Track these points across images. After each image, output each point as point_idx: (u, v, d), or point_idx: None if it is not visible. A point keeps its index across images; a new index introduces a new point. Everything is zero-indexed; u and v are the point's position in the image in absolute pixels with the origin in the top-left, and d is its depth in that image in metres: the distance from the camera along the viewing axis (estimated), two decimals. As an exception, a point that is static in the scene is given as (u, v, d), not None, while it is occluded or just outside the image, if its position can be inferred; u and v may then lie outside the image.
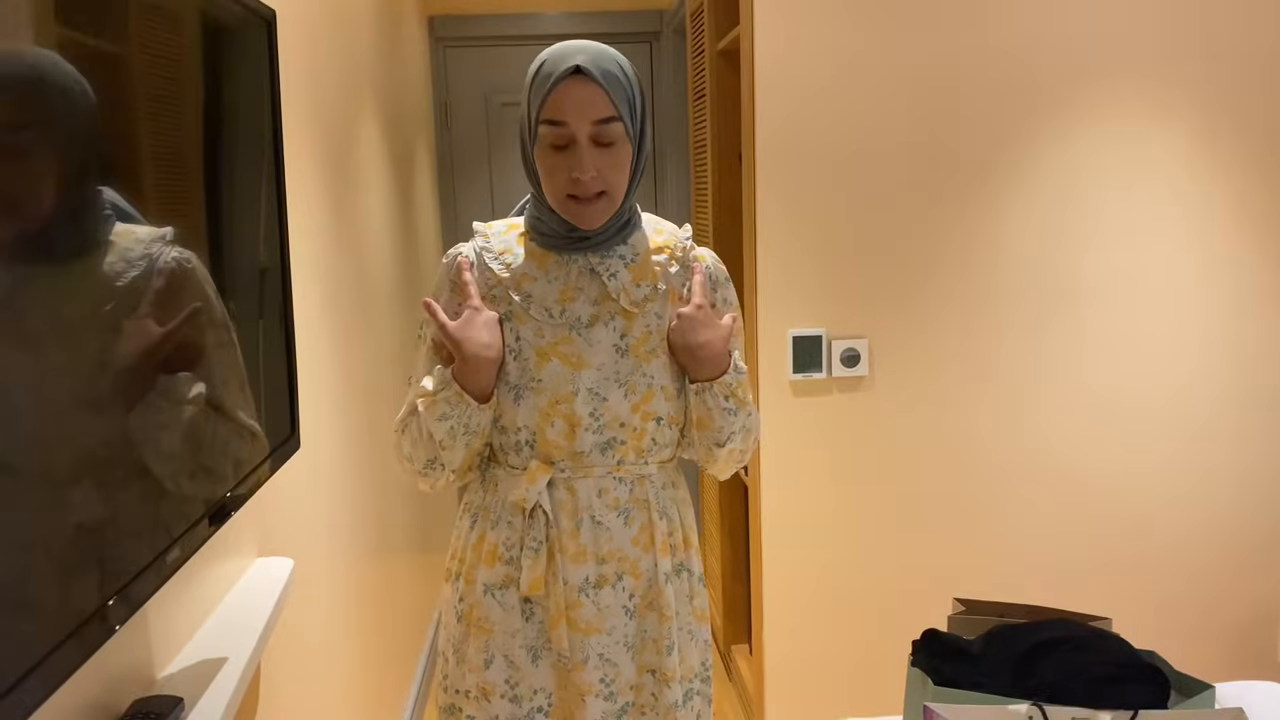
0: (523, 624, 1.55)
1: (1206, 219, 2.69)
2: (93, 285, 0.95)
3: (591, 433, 1.52)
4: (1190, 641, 2.76)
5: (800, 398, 2.66)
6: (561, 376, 1.51)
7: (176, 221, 1.12)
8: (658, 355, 1.55)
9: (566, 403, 1.51)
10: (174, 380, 1.11)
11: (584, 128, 1.44)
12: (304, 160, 1.97)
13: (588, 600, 1.54)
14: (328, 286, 2.14)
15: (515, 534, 1.55)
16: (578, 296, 1.54)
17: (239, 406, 1.32)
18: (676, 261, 1.59)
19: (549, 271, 1.55)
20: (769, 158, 2.57)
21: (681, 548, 1.61)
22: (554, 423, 1.52)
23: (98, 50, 0.96)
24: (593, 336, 1.53)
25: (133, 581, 0.97)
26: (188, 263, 1.13)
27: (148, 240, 1.03)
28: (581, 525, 1.53)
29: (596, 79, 1.43)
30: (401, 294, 3.21)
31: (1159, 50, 2.62)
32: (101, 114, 0.94)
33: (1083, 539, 2.75)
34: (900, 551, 2.71)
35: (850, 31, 2.55)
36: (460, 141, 4.52)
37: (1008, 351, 2.68)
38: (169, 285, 1.07)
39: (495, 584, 1.56)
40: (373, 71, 2.88)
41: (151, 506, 1.06)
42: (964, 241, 2.64)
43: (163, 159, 1.13)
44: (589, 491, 1.54)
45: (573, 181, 1.46)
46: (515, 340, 1.54)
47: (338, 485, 2.17)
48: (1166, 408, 2.73)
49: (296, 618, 1.80)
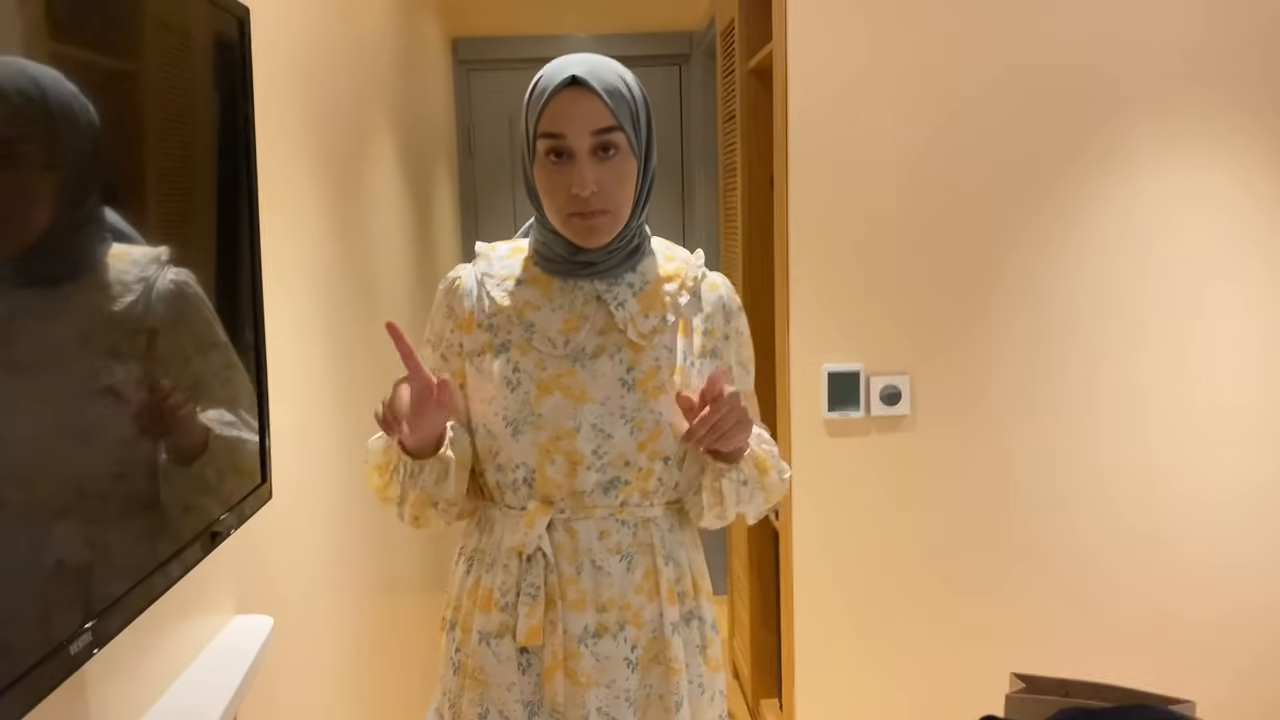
0: (519, 676, 1.45)
1: (1270, 257, 2.49)
2: (87, 310, 0.91)
3: (594, 471, 1.42)
4: (1254, 707, 2.54)
5: (836, 438, 2.48)
6: (563, 411, 1.42)
7: (165, 239, 1.07)
8: (666, 391, 1.44)
9: (568, 439, 1.41)
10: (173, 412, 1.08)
11: (583, 139, 1.35)
12: (304, 181, 1.84)
13: (586, 651, 1.43)
14: (326, 313, 2.00)
15: (512, 579, 1.45)
16: (582, 326, 1.44)
17: (247, 425, 1.27)
18: (688, 291, 1.49)
19: (553, 299, 1.46)
20: (802, 181, 2.41)
21: (691, 594, 1.50)
22: (554, 460, 1.42)
23: (88, 63, 0.91)
24: (597, 369, 1.43)
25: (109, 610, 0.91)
26: (187, 285, 1.09)
27: (144, 262, 0.98)
28: (582, 570, 1.44)
29: (594, 89, 1.35)
30: (417, 322, 3.07)
31: (1221, 75, 2.44)
32: (101, 130, 0.91)
33: (1143, 598, 2.54)
34: (943, 604, 2.51)
35: (891, 49, 2.39)
36: (484, 166, 4.40)
37: (1060, 392, 2.48)
38: (167, 310, 1.04)
39: (491, 632, 1.46)
40: (388, 93, 2.76)
41: (144, 543, 1.01)
42: (1014, 274, 2.46)
43: (149, 175, 1.07)
44: (590, 534, 1.44)
45: (573, 199, 1.37)
46: (513, 372, 1.44)
47: (326, 535, 2.01)
48: (1232, 457, 2.52)
49: (277, 681, 1.65)
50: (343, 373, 2.10)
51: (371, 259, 2.45)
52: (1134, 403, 2.50)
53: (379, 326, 2.48)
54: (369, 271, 2.42)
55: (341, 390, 2.08)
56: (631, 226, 1.44)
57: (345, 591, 2.12)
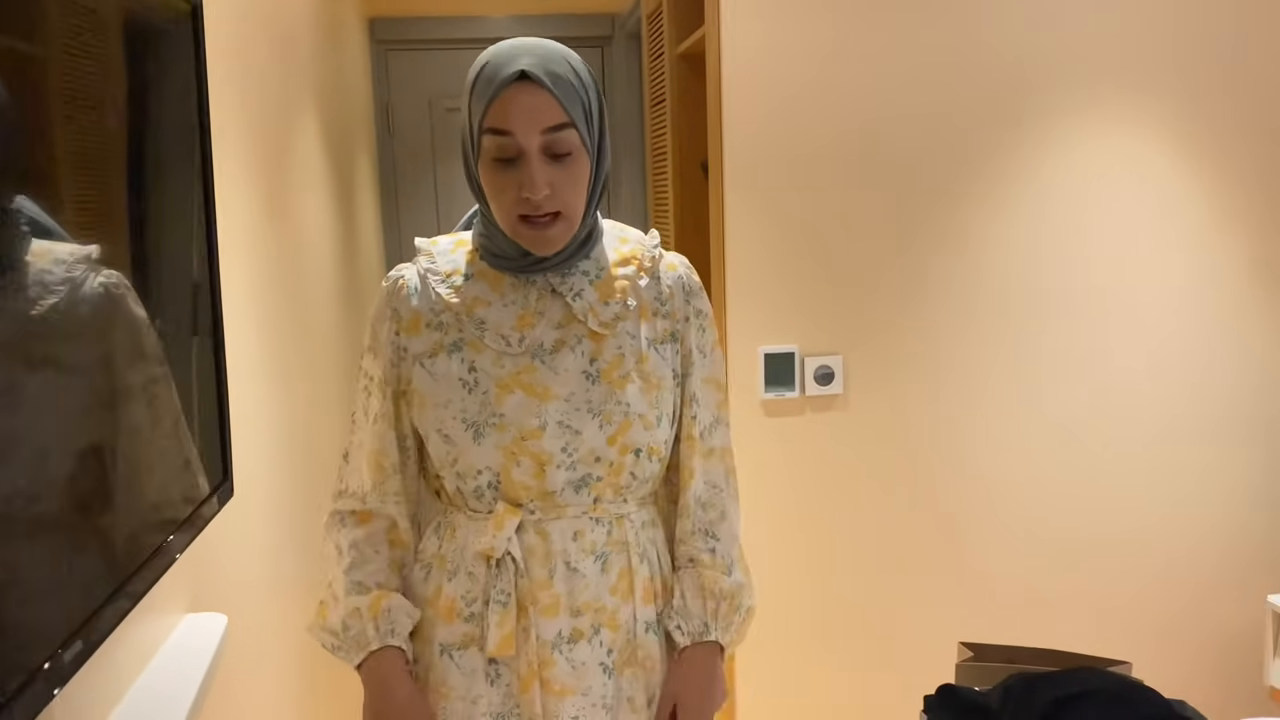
0: (487, 688, 1.38)
1: (1188, 233, 2.61)
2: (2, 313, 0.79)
3: (564, 470, 1.36)
4: (1177, 664, 2.68)
5: (772, 417, 2.52)
6: (526, 409, 1.35)
7: (97, 235, 0.96)
8: (633, 380, 1.38)
9: (534, 438, 1.35)
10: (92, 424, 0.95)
11: (533, 138, 1.27)
12: (237, 169, 1.79)
13: (561, 658, 1.37)
14: (264, 307, 1.95)
15: (478, 586, 1.38)
16: (538, 321, 1.38)
17: (172, 449, 1.15)
18: (645, 273, 1.43)
19: (504, 295, 1.39)
20: (738, 167, 2.44)
21: (663, 594, 1.46)
22: (520, 461, 1.35)
23: (6, 46, 0.80)
24: (558, 364, 1.37)
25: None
26: (116, 288, 0.98)
27: (70, 261, 0.88)
28: (555, 573, 1.37)
29: (545, 83, 1.27)
30: (343, 315, 3.01)
31: (1137, 59, 2.54)
32: (14, 114, 0.79)
33: (1065, 562, 2.65)
34: (882, 578, 2.59)
35: (823, 34, 2.43)
36: (404, 149, 4.33)
37: (988, 368, 2.57)
38: (94, 314, 0.93)
39: (454, 644, 1.39)
40: (312, 75, 2.69)
41: (61, 570, 0.89)
42: (944, 255, 2.53)
43: (81, 164, 0.96)
44: (563, 535, 1.37)
45: (522, 201, 1.29)
46: (469, 372, 1.37)
47: (276, 528, 1.97)
48: (1152, 426, 2.65)
49: (232, 680, 1.61)
50: (277, 361, 2.06)
51: (301, 243, 2.39)
52: (1059, 376, 2.60)
53: (309, 314, 2.44)
54: (299, 256, 2.36)
55: (275, 377, 2.03)
56: (586, 224, 1.38)
57: (292, 586, 2.09)
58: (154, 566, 1.10)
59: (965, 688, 1.37)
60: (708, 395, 1.47)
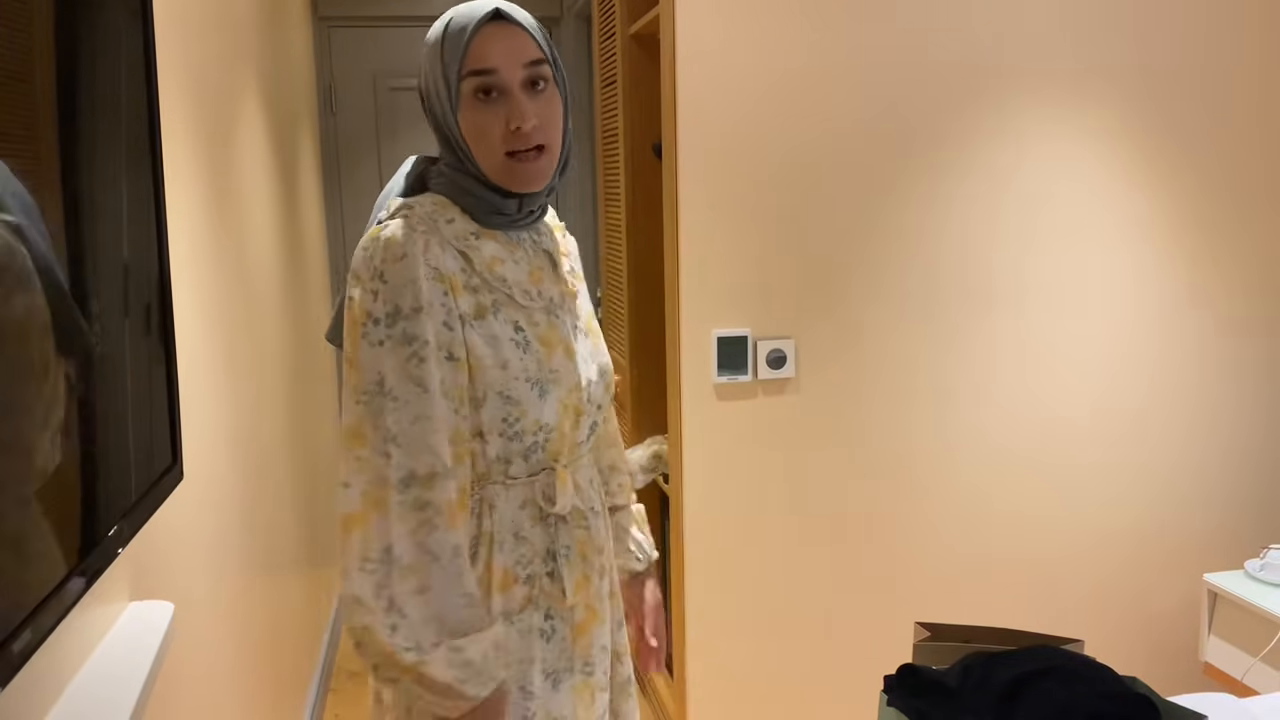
0: (543, 646, 1.37)
1: (1134, 223, 2.66)
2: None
3: (588, 419, 1.43)
4: (1117, 642, 2.74)
5: (725, 401, 2.52)
6: (568, 364, 1.38)
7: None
8: (597, 331, 1.50)
9: (577, 392, 1.39)
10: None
11: (515, 72, 1.30)
12: (177, 145, 1.73)
13: (597, 595, 1.46)
14: (208, 287, 1.90)
15: (532, 548, 1.36)
16: (543, 278, 1.41)
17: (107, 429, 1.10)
18: (563, 232, 1.54)
19: (512, 252, 1.38)
20: (691, 149, 2.42)
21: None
22: (570, 416, 1.39)
23: None
24: (564, 318, 1.42)
25: None
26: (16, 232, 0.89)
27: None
28: (586, 519, 1.43)
29: (519, 21, 1.33)
30: (287, 293, 2.95)
31: (1088, 56, 2.58)
32: None
33: (1010, 541, 2.70)
34: (830, 558, 2.61)
35: (780, 18, 2.42)
36: (346, 128, 4.25)
37: (937, 353, 2.60)
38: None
39: (514, 609, 1.35)
40: (255, 51, 2.61)
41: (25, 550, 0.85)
42: (895, 241, 2.55)
43: (18, 133, 0.91)
44: (585, 482, 1.44)
45: (511, 134, 1.29)
46: (515, 331, 1.33)
47: (222, 511, 1.92)
48: (1093, 410, 2.70)
49: (180, 669, 1.57)
50: (223, 344, 2.00)
51: (245, 226, 2.33)
52: (1006, 361, 2.63)
53: (255, 293, 2.38)
54: (243, 239, 2.30)
55: (221, 360, 1.98)
56: (555, 171, 1.38)
57: (240, 573, 2.04)
58: (106, 550, 1.06)
59: (925, 667, 1.38)
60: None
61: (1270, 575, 2.54)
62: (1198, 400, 2.76)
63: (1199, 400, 2.76)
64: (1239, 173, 2.70)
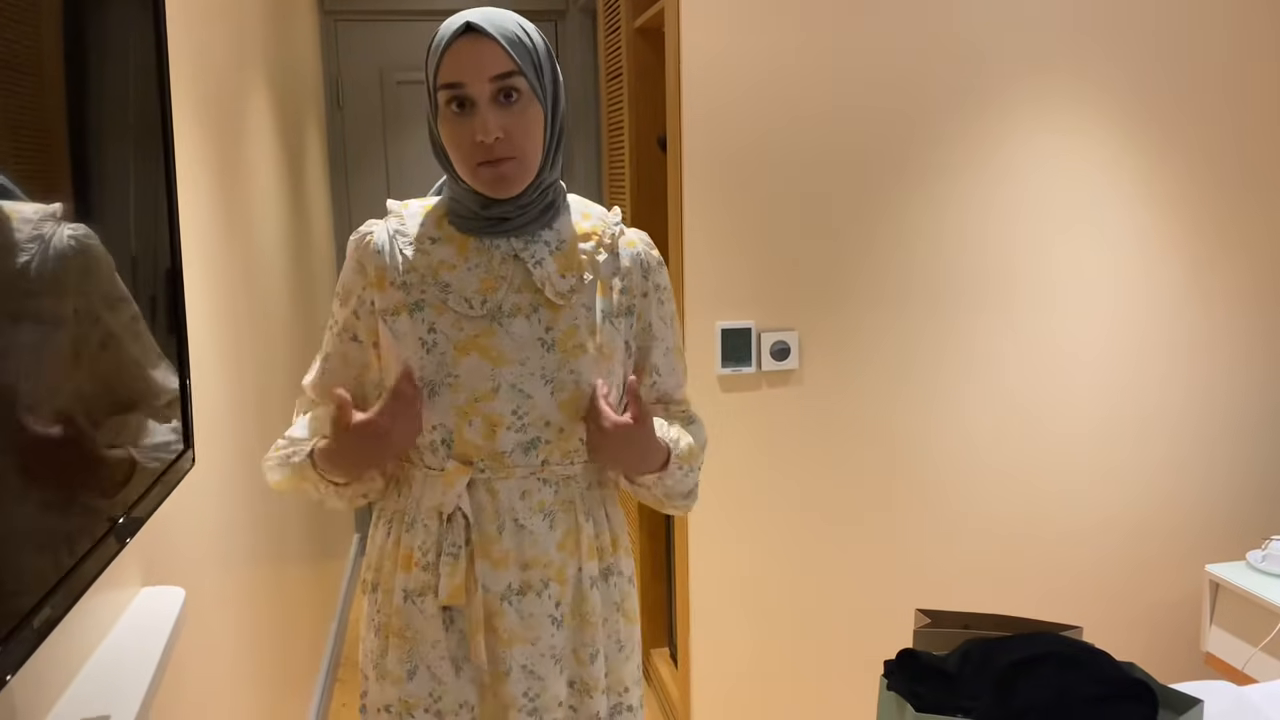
0: (443, 633, 1.44)
1: (1133, 219, 2.67)
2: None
3: (514, 432, 1.41)
4: (1118, 631, 2.76)
5: (729, 392, 2.54)
6: (480, 372, 1.40)
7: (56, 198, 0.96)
8: (586, 351, 1.43)
9: (486, 400, 1.40)
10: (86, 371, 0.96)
11: (482, 86, 1.33)
12: (188, 141, 1.75)
13: (510, 609, 1.43)
14: (217, 278, 1.92)
15: (432, 538, 1.44)
16: (500, 286, 1.42)
17: (156, 392, 1.18)
18: (605, 249, 1.47)
19: (469, 259, 1.43)
20: (696, 143, 2.44)
21: (610, 550, 1.52)
22: (472, 422, 1.41)
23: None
24: (514, 329, 1.41)
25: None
26: (88, 238, 1.01)
27: (36, 219, 0.90)
28: (504, 529, 1.43)
29: (490, 34, 1.33)
30: (293, 287, 2.97)
31: (1084, 54, 2.59)
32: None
33: (1012, 532, 2.71)
34: (833, 549, 2.63)
35: (785, 12, 2.43)
36: (354, 123, 4.26)
37: (939, 346, 2.61)
38: (69, 267, 0.95)
39: (414, 590, 1.45)
40: (263, 46, 2.63)
41: (50, 528, 0.90)
42: (898, 235, 2.56)
43: (30, 125, 0.94)
44: (511, 494, 1.43)
45: (478, 146, 1.34)
46: (429, 333, 1.41)
47: (231, 500, 1.95)
48: (1095, 400, 2.71)
49: (191, 653, 1.59)
50: (231, 333, 2.02)
51: (253, 214, 2.35)
52: (1008, 353, 2.65)
53: (263, 284, 2.40)
54: (251, 227, 2.32)
55: (229, 349, 2.00)
56: (544, 179, 1.42)
57: (249, 560, 2.06)
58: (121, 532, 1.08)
59: (925, 652, 1.40)
60: (676, 363, 1.56)
61: (1271, 566, 2.55)
62: (1199, 394, 2.77)
63: (1200, 394, 2.77)
64: (1239, 172, 2.71)
